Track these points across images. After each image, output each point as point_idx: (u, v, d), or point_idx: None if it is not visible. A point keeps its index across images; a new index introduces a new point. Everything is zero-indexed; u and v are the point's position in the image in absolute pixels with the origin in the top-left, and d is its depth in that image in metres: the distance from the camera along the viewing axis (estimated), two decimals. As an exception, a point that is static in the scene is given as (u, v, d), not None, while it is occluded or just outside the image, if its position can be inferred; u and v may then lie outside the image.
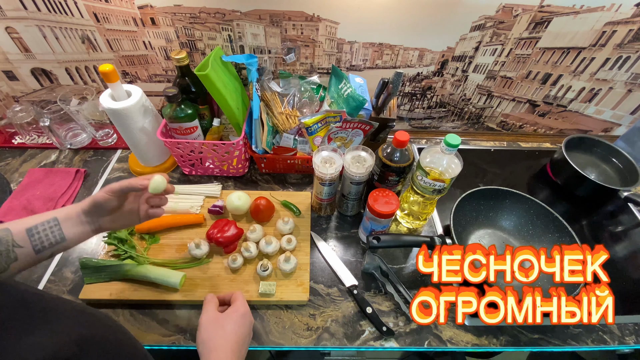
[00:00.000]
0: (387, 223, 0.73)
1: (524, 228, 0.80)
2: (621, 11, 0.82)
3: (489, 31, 0.87)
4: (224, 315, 0.56)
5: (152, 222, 0.78)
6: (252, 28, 0.87)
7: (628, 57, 0.91)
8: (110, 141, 1.01)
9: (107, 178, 0.92)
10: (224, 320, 0.55)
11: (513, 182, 0.98)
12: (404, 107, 1.07)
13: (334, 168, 0.73)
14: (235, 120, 0.83)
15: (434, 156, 0.70)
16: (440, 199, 0.80)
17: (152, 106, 0.85)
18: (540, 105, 1.05)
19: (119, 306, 0.69)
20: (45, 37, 0.87)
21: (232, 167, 0.91)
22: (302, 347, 0.65)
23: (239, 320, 0.55)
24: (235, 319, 0.55)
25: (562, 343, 0.68)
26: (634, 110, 1.05)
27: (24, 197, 0.84)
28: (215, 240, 0.74)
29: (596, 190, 0.89)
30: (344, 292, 0.73)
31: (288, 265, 0.71)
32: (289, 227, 0.79)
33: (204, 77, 0.73)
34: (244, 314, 0.57)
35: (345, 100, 0.82)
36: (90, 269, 0.70)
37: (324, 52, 0.93)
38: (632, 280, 0.78)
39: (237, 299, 0.59)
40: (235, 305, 0.57)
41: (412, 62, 0.95)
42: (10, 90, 0.99)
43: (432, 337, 0.68)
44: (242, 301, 0.59)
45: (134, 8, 0.83)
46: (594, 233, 0.87)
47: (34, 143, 0.99)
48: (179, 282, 0.68)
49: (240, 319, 0.56)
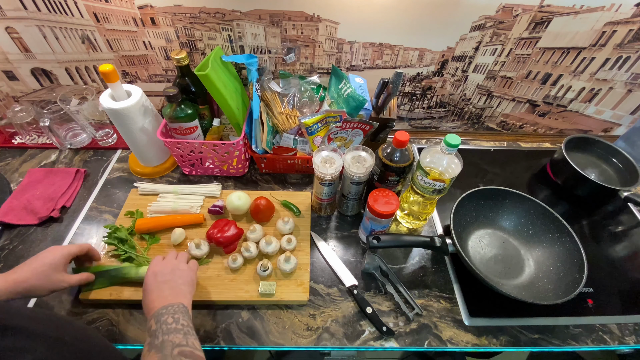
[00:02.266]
0: (387, 223, 0.73)
1: (524, 228, 0.80)
2: (621, 11, 0.82)
3: (489, 31, 0.87)
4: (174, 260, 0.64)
5: (153, 222, 0.79)
6: (252, 28, 0.87)
7: (628, 57, 0.91)
8: (110, 141, 1.01)
9: (107, 178, 0.92)
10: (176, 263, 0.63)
11: (513, 182, 0.98)
12: (404, 107, 1.07)
13: (334, 168, 0.73)
14: (235, 120, 0.83)
15: (434, 156, 0.70)
16: (440, 199, 0.80)
17: (152, 106, 0.85)
18: (540, 105, 1.05)
19: (119, 306, 0.69)
20: (45, 37, 0.87)
21: (232, 167, 0.91)
22: (302, 347, 0.65)
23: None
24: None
25: (562, 343, 0.68)
26: (634, 110, 1.05)
27: (24, 197, 0.84)
28: (215, 240, 0.74)
29: (596, 190, 0.89)
30: (344, 292, 0.73)
31: (288, 265, 0.71)
32: (289, 227, 0.79)
33: (204, 77, 0.73)
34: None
35: (345, 100, 0.82)
36: None
37: (324, 52, 0.93)
38: (632, 280, 0.78)
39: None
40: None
41: (412, 62, 0.95)
42: (10, 90, 0.99)
43: (432, 337, 0.68)
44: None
45: (134, 8, 0.83)
46: (594, 233, 0.87)
47: (34, 143, 0.99)
48: None
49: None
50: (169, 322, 0.50)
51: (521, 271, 0.76)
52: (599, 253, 0.83)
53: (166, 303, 0.53)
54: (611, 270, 0.80)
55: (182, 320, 0.51)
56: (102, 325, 0.66)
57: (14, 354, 0.32)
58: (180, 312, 0.52)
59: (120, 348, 0.65)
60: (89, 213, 0.85)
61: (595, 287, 0.76)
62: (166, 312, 0.52)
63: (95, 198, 0.88)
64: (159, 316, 0.51)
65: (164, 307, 0.52)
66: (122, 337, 0.65)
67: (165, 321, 0.50)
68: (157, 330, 0.49)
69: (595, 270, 0.78)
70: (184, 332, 0.50)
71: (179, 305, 0.54)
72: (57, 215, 0.82)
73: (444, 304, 0.72)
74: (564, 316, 0.71)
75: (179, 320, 0.51)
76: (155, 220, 0.79)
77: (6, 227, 0.80)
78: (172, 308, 0.53)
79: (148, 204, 0.83)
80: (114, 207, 0.86)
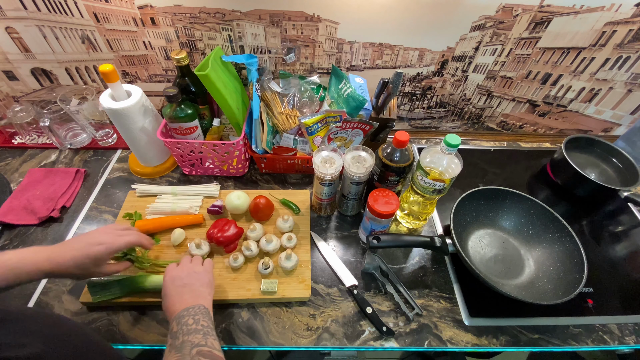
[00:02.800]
0: (387, 223, 0.73)
1: (524, 228, 0.80)
2: (621, 11, 0.82)
3: (489, 31, 0.87)
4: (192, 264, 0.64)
5: (152, 223, 0.79)
6: (252, 28, 0.87)
7: (628, 57, 0.91)
8: (110, 141, 1.01)
9: (107, 178, 0.92)
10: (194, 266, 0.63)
11: (513, 182, 0.98)
12: (404, 107, 1.07)
13: (334, 168, 0.73)
14: (235, 120, 0.83)
15: (434, 156, 0.70)
16: (440, 199, 0.80)
17: (152, 106, 0.85)
18: (540, 105, 1.05)
19: (119, 307, 0.69)
20: (45, 37, 0.87)
21: (232, 167, 0.91)
22: (302, 347, 0.65)
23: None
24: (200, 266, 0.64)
25: (562, 343, 0.68)
26: (634, 110, 1.05)
27: (24, 197, 0.84)
28: (215, 240, 0.74)
29: (596, 190, 0.89)
30: (344, 292, 0.73)
31: (289, 262, 0.71)
32: (289, 225, 0.79)
33: (204, 77, 0.73)
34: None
35: (345, 100, 0.82)
36: (97, 287, 0.66)
37: (324, 52, 0.93)
38: (632, 280, 0.78)
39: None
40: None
41: (412, 62, 0.95)
42: (10, 90, 0.99)
43: (432, 337, 0.68)
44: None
45: (134, 8, 0.83)
46: (594, 233, 0.87)
47: (34, 143, 0.99)
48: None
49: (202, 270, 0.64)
50: (189, 324, 0.51)
51: (521, 271, 0.76)
52: (599, 253, 0.83)
53: (187, 305, 0.54)
54: (611, 270, 0.80)
55: (202, 321, 0.52)
56: (102, 326, 0.66)
57: (11, 348, 0.32)
58: (201, 313, 0.53)
59: (120, 348, 0.65)
60: (89, 213, 0.85)
61: (595, 287, 0.76)
62: (187, 314, 0.52)
63: (95, 198, 0.88)
64: (180, 318, 0.52)
65: (185, 309, 0.53)
66: (122, 337, 0.65)
67: (186, 322, 0.51)
68: (178, 332, 0.50)
69: (595, 270, 0.78)
70: (204, 333, 0.50)
71: (200, 306, 0.54)
72: (57, 215, 0.82)
73: (444, 304, 0.72)
74: (564, 316, 0.71)
75: (199, 321, 0.52)
76: (155, 221, 0.79)
77: (6, 227, 0.80)
78: (193, 310, 0.53)
79: (147, 205, 0.83)
80: (114, 207, 0.86)
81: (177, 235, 0.76)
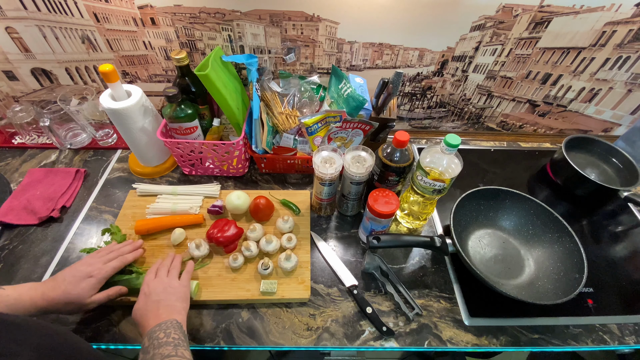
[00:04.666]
0: (387, 223, 0.73)
1: (524, 228, 0.80)
2: (621, 11, 0.82)
3: (489, 31, 0.87)
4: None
5: (152, 223, 0.79)
6: (252, 28, 0.87)
7: (628, 57, 0.91)
8: (110, 141, 1.01)
9: (107, 178, 0.92)
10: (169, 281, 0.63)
11: (513, 182, 0.98)
12: (404, 107, 1.07)
13: (334, 168, 0.73)
14: (235, 120, 0.83)
15: (434, 156, 0.70)
16: (440, 199, 0.80)
17: (152, 106, 0.85)
18: (540, 105, 1.05)
19: (119, 307, 0.69)
20: (45, 37, 0.87)
21: (232, 167, 0.91)
22: (302, 347, 0.65)
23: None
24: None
25: (562, 343, 0.68)
26: (634, 110, 1.05)
27: (24, 197, 0.84)
28: (215, 240, 0.74)
29: (596, 190, 0.89)
30: (344, 292, 0.73)
31: (289, 263, 0.71)
32: (289, 225, 0.79)
33: (204, 77, 0.73)
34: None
35: (345, 100, 0.82)
36: None
37: (324, 52, 0.93)
38: (632, 280, 0.78)
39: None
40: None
41: (412, 62, 0.95)
42: (10, 90, 0.99)
43: (432, 337, 0.68)
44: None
45: (134, 8, 0.83)
46: (594, 233, 0.87)
47: (34, 143, 0.99)
48: (194, 291, 0.67)
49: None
50: (160, 337, 0.51)
51: (521, 271, 0.76)
52: (599, 253, 0.82)
53: (160, 321, 0.54)
54: (611, 270, 0.80)
55: (174, 334, 0.52)
56: (101, 326, 0.66)
57: (5, 358, 0.33)
58: (172, 327, 0.53)
59: (120, 348, 0.65)
60: (89, 213, 0.85)
61: (595, 287, 0.76)
62: (159, 329, 0.53)
63: (95, 198, 0.88)
64: (151, 333, 0.52)
65: (157, 325, 0.53)
66: (122, 338, 0.65)
67: (157, 337, 0.51)
68: (149, 347, 0.50)
69: (595, 270, 0.78)
70: (175, 345, 0.50)
71: (172, 321, 0.55)
72: (57, 215, 0.82)
73: (444, 304, 0.72)
74: (564, 316, 0.71)
75: (170, 335, 0.52)
76: (155, 221, 0.79)
77: (6, 227, 0.80)
78: (165, 324, 0.54)
79: (147, 205, 0.83)
80: (114, 207, 0.86)
81: (177, 235, 0.76)
